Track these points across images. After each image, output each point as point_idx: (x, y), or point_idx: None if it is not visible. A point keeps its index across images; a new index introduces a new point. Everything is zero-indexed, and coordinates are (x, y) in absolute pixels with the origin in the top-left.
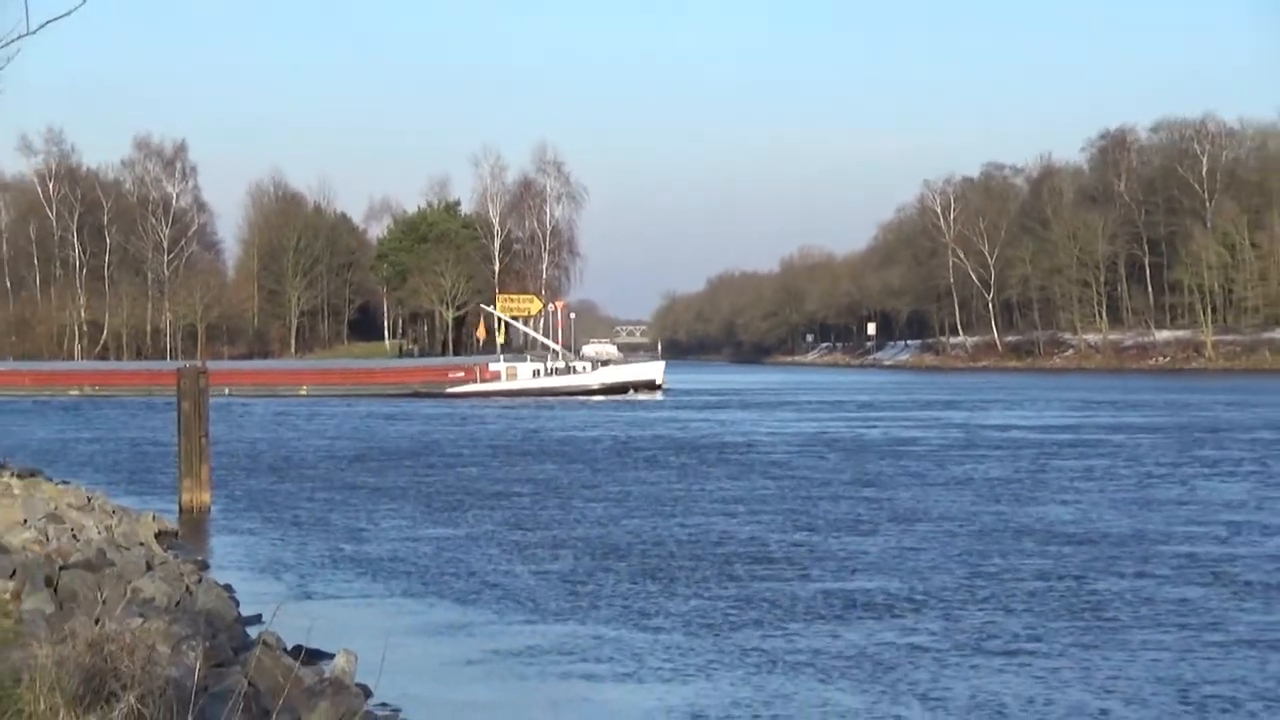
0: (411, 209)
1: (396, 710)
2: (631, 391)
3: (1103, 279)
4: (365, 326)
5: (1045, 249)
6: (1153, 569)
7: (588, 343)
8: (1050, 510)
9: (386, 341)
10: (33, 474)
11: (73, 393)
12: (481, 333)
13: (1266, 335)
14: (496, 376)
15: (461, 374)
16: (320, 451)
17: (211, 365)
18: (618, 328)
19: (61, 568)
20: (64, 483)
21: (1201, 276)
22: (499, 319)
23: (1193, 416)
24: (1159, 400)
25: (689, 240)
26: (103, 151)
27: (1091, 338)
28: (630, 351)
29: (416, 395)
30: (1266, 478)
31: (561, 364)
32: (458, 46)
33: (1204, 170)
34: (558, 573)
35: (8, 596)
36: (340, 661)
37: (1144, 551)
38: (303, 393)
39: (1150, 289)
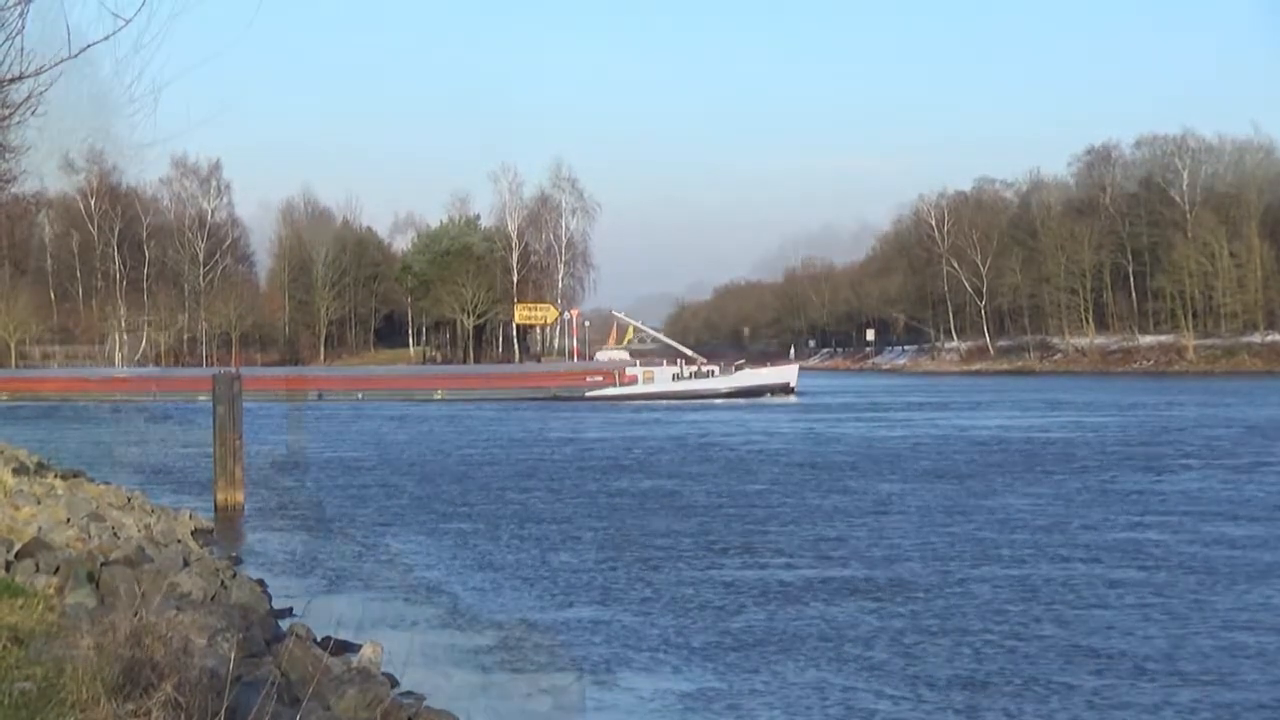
0: (434, 223)
1: (421, 698)
2: (768, 395)
3: (1089, 287)
4: (390, 334)
5: (1034, 259)
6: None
7: (601, 348)
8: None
9: (411, 349)
10: (75, 474)
11: (201, 399)
12: (613, 339)
13: (1245, 339)
14: (634, 380)
15: (600, 378)
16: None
17: (338, 372)
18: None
19: (103, 564)
20: (105, 483)
21: (1183, 284)
22: (629, 325)
23: (1154, 416)
24: (1140, 400)
25: (698, 251)
26: (142, 169)
27: (1079, 342)
28: (642, 357)
29: (555, 399)
30: (1209, 474)
31: (695, 367)
32: (478, 70)
33: (1184, 184)
34: (577, 565)
35: (51, 591)
36: (367, 652)
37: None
38: (438, 397)
39: (1134, 296)
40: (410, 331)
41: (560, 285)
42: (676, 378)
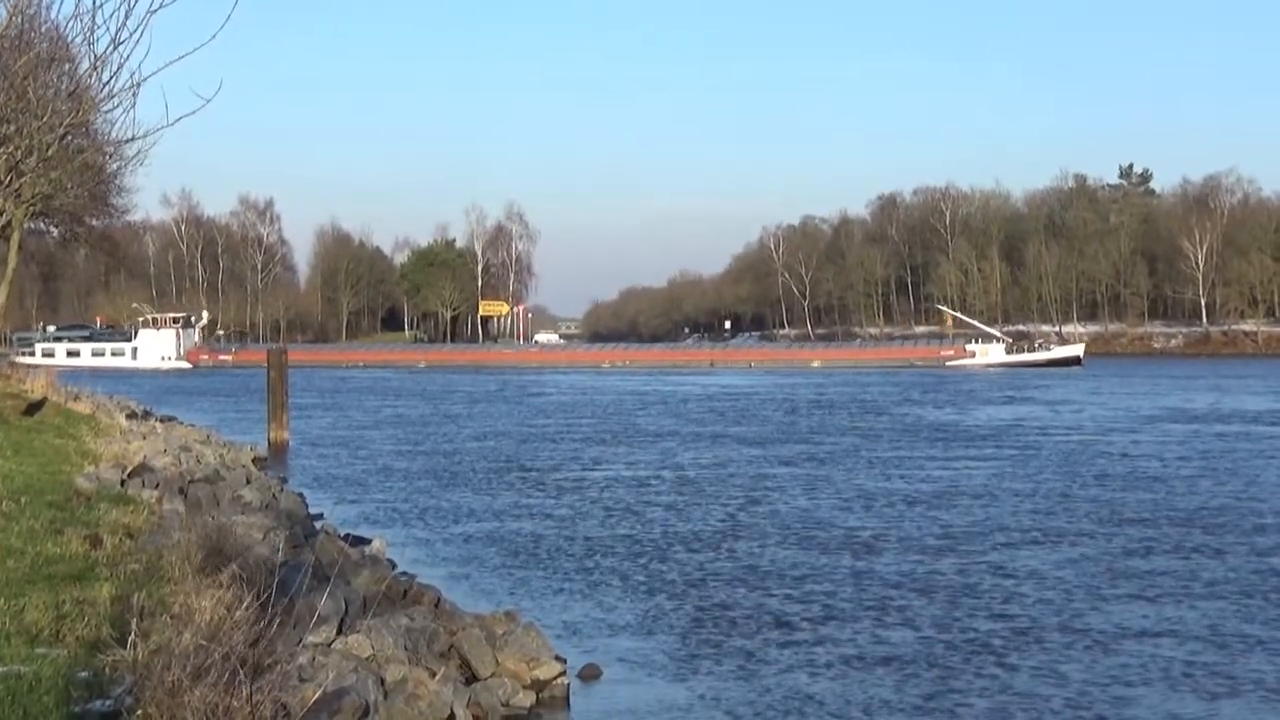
0: (423, 244)
1: (414, 576)
2: (1069, 365)
3: (880, 292)
4: (391, 322)
5: (842, 272)
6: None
7: (540, 332)
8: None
9: (406, 332)
10: (170, 419)
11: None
12: (949, 322)
13: (989, 329)
14: (973, 355)
15: (952, 353)
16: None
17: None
18: (559, 323)
19: (190, 482)
20: (191, 425)
21: (946, 290)
22: (953, 315)
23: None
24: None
25: (608, 262)
26: (217, 205)
27: (873, 331)
28: (569, 340)
29: (912, 366)
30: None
31: (1011, 344)
32: (456, 133)
33: (947, 221)
34: (538, 477)
35: (154, 500)
36: (376, 544)
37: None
38: (814, 366)
39: (912, 299)
40: (405, 320)
41: (511, 288)
42: (1009, 351)
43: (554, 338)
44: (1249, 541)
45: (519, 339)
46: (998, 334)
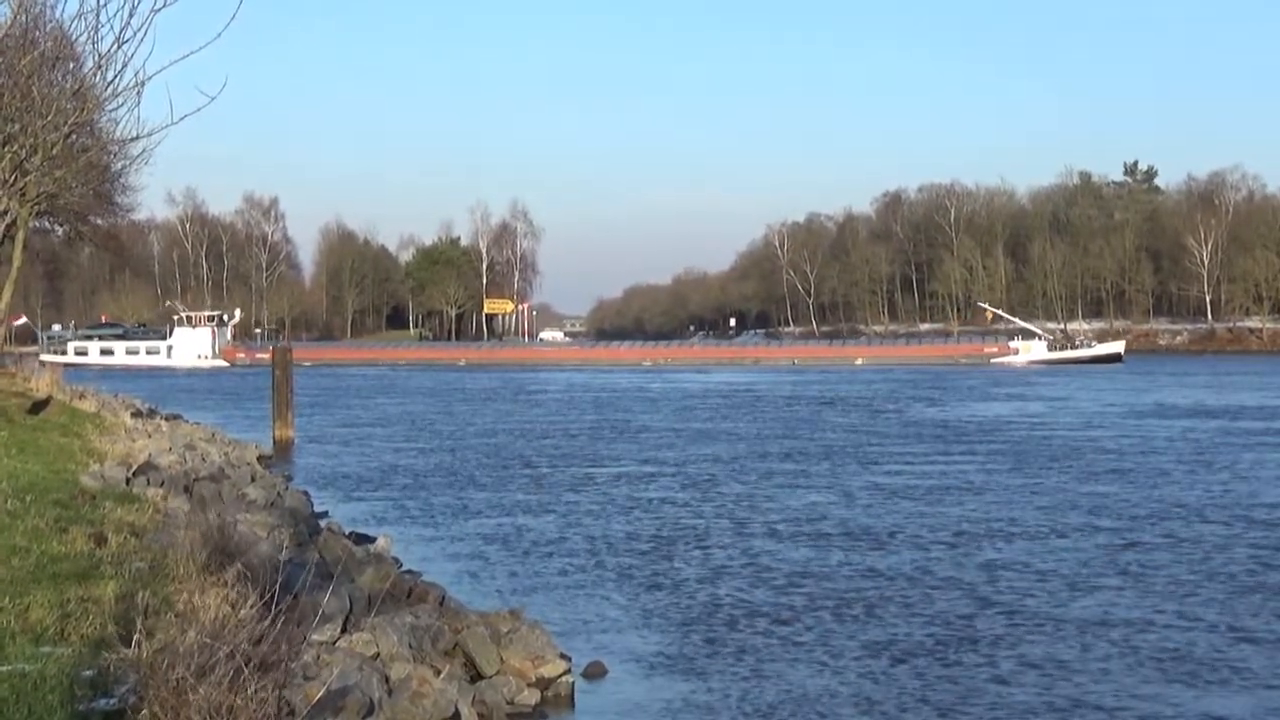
0: (428, 242)
1: (419, 574)
2: (1110, 362)
3: (885, 289)
4: (396, 320)
5: (847, 269)
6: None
7: (545, 330)
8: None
9: (411, 330)
10: (175, 416)
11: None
12: (989, 317)
13: (993, 327)
14: (1015, 352)
15: (996, 350)
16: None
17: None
18: (564, 320)
19: (194, 480)
20: (196, 423)
21: (950, 288)
22: (995, 312)
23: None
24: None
25: (613, 260)
26: (222, 203)
27: (878, 328)
28: (574, 337)
29: (957, 364)
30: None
31: (1053, 341)
32: (460, 131)
33: (952, 218)
34: (537, 481)
35: (159, 499)
36: (380, 542)
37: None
38: (858, 363)
39: (917, 296)
40: (410, 318)
41: (516, 286)
42: (1051, 348)
43: (559, 335)
44: None
45: (524, 336)
46: (1039, 331)
